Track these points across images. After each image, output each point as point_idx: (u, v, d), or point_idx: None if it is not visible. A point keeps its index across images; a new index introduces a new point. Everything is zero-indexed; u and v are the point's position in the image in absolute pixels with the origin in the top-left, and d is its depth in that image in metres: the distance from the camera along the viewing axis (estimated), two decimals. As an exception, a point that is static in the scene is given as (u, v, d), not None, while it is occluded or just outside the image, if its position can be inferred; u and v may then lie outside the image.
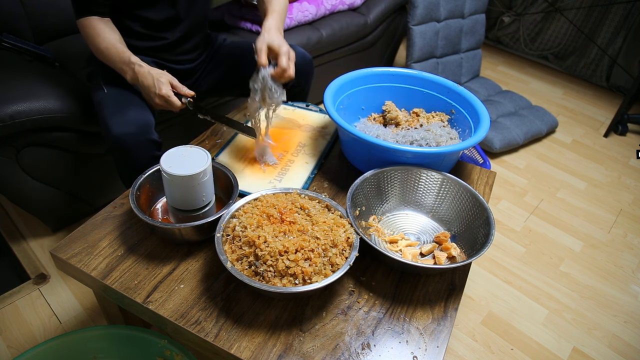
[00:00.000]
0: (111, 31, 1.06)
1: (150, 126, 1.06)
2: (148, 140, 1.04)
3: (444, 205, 0.95)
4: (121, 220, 0.92)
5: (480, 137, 0.99)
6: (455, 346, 1.24)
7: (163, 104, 1.02)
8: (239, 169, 1.04)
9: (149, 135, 1.05)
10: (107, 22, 1.07)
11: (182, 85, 1.04)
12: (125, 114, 1.03)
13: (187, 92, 1.03)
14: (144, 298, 0.78)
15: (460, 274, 0.87)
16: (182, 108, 1.03)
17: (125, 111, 1.04)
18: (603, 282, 1.47)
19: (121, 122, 1.02)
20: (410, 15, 2.04)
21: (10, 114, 1.12)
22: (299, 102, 1.31)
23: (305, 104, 1.31)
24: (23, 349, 1.17)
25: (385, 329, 0.76)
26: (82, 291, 1.31)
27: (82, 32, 1.06)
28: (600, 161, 2.03)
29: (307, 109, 1.28)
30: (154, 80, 1.01)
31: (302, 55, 1.29)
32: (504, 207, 1.73)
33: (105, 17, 1.07)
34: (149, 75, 1.02)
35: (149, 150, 1.05)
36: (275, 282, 0.73)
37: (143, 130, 1.03)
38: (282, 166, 1.07)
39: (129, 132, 1.01)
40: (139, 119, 1.04)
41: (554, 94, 2.51)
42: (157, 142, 1.07)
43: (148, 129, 1.05)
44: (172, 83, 1.03)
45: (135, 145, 1.02)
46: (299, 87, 1.32)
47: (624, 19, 2.36)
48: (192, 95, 1.04)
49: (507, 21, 2.80)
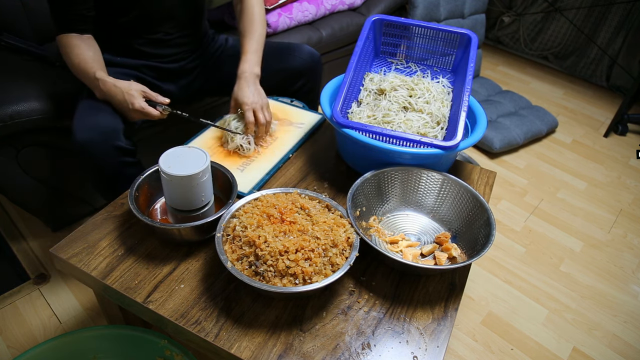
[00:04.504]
0: (86, 48, 1.03)
1: (117, 132, 1.01)
2: (113, 146, 1.00)
3: (445, 206, 0.95)
4: (121, 220, 0.92)
5: (478, 137, 0.99)
6: (456, 346, 1.24)
7: (140, 117, 1.01)
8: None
9: (115, 142, 1.00)
10: (85, 39, 1.04)
11: (155, 93, 1.02)
12: (91, 120, 1.00)
13: (162, 99, 1.02)
14: (144, 298, 0.78)
15: (461, 274, 0.87)
16: (162, 117, 1.02)
17: (92, 117, 1.00)
18: (603, 282, 1.47)
19: (86, 127, 0.99)
20: (410, 15, 2.04)
21: (10, 114, 1.12)
22: (284, 98, 1.31)
23: (289, 99, 1.30)
24: (23, 349, 1.17)
25: (385, 329, 0.76)
26: (82, 291, 1.31)
27: (60, 48, 1.04)
28: (600, 161, 2.03)
29: (291, 104, 1.28)
30: (124, 94, 0.99)
31: (310, 53, 1.30)
32: (504, 207, 1.73)
33: (87, 34, 1.04)
34: (116, 89, 0.99)
35: (114, 157, 1.00)
36: (275, 282, 0.72)
37: (108, 137, 0.99)
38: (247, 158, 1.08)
39: (92, 138, 0.98)
40: (105, 125, 1.00)
41: (554, 94, 2.51)
42: (126, 148, 1.02)
43: (114, 135, 1.00)
44: (144, 93, 1.01)
45: (99, 151, 0.98)
46: (308, 85, 1.32)
47: (624, 19, 2.36)
48: (167, 102, 1.02)
49: (507, 21, 2.80)
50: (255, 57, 1.14)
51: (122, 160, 1.02)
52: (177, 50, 1.22)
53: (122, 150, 1.01)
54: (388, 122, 1.03)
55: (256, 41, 1.16)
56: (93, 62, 1.02)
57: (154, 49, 1.18)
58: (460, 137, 0.93)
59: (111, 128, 1.00)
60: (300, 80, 1.30)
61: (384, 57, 1.26)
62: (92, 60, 1.02)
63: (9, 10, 1.36)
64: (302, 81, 1.30)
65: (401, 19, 1.17)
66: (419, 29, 1.17)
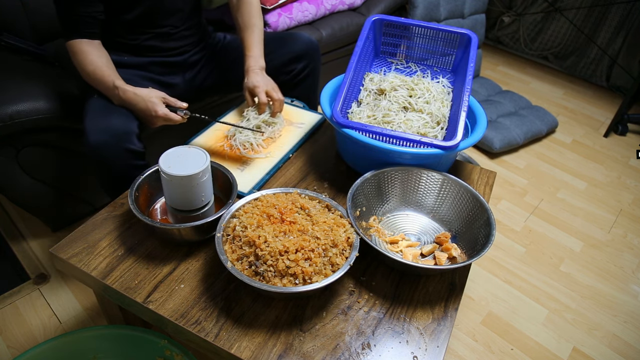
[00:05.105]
0: (99, 54, 1.04)
1: (130, 135, 1.01)
2: (125, 149, 1.00)
3: (445, 206, 0.95)
4: (121, 220, 0.92)
5: (478, 137, 0.99)
6: (456, 346, 1.24)
7: (163, 123, 1.02)
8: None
9: (127, 145, 1.00)
10: (96, 45, 1.05)
11: (173, 98, 1.03)
12: (104, 122, 1.00)
13: (181, 104, 1.03)
14: (144, 298, 0.78)
15: (461, 274, 0.87)
16: (182, 122, 1.03)
17: (105, 119, 1.00)
18: (603, 282, 1.47)
19: (98, 129, 0.99)
20: (410, 15, 2.04)
21: (10, 114, 1.12)
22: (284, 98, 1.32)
23: (290, 99, 1.32)
24: (23, 349, 1.17)
25: (385, 329, 0.76)
26: (82, 291, 1.31)
27: (71, 55, 1.04)
28: (600, 161, 2.03)
29: (291, 104, 1.29)
30: (146, 102, 1.00)
31: (308, 38, 1.35)
32: (504, 207, 1.73)
33: (95, 38, 1.05)
34: (137, 97, 1.00)
35: (125, 159, 1.01)
36: (275, 282, 0.72)
37: (121, 139, 0.99)
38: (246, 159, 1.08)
39: (105, 140, 0.98)
40: (118, 128, 1.00)
41: (554, 94, 2.51)
42: (138, 151, 1.03)
43: (127, 138, 1.00)
44: (163, 100, 1.02)
45: (111, 154, 0.99)
46: (308, 69, 1.35)
47: (624, 19, 2.36)
48: (186, 106, 1.03)
49: (507, 21, 2.79)
50: (258, 51, 1.18)
51: (133, 163, 1.03)
52: (182, 43, 1.24)
53: (133, 152, 1.02)
54: (388, 122, 1.03)
55: (257, 35, 1.19)
56: (108, 69, 1.03)
57: (160, 43, 1.19)
58: (460, 137, 0.93)
59: (124, 130, 1.01)
60: (299, 64, 1.33)
61: (384, 57, 1.26)
62: (107, 68, 1.03)
63: (9, 10, 1.36)
64: (301, 65, 1.34)
65: (401, 19, 1.18)
66: (419, 29, 1.17)
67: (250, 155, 1.09)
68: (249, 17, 1.20)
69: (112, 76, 1.02)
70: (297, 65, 1.33)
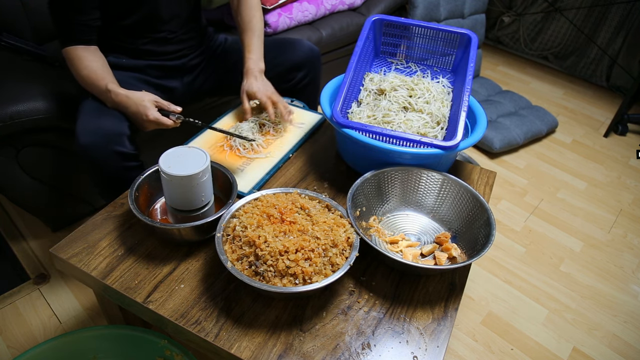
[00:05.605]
0: (93, 58, 1.03)
1: (121, 137, 1.00)
2: (115, 151, 0.99)
3: (445, 206, 0.95)
4: (121, 220, 0.92)
5: (478, 137, 0.99)
6: (456, 346, 1.24)
7: (154, 127, 1.02)
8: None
9: (117, 147, 0.99)
10: (92, 51, 1.04)
11: (167, 102, 1.03)
12: (94, 123, 0.99)
13: (174, 108, 1.03)
14: (144, 298, 0.78)
15: (461, 274, 0.87)
16: (175, 126, 1.03)
17: (96, 120, 1.00)
18: (603, 282, 1.47)
19: (88, 131, 0.98)
20: (410, 15, 2.04)
21: (10, 114, 1.12)
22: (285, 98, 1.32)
23: (290, 99, 1.32)
24: (23, 349, 1.17)
25: (385, 329, 0.76)
26: (82, 291, 1.31)
27: (67, 61, 1.04)
28: (600, 161, 2.03)
29: (291, 104, 1.29)
30: (137, 106, 0.99)
31: (309, 47, 1.34)
32: (504, 207, 1.73)
33: (91, 44, 1.04)
34: (129, 101, 1.00)
35: (116, 161, 1.00)
36: (275, 282, 0.72)
37: (110, 141, 0.98)
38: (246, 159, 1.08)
39: (95, 142, 0.97)
40: (109, 129, 0.99)
41: (554, 94, 2.51)
42: (129, 153, 1.02)
43: (117, 140, 0.99)
44: (156, 103, 1.01)
45: (101, 155, 0.98)
46: (308, 78, 1.35)
47: (624, 19, 2.36)
48: (179, 111, 1.03)
49: (507, 21, 2.79)
50: (258, 53, 1.18)
51: (124, 165, 1.02)
52: (180, 46, 1.23)
53: (124, 155, 1.01)
54: (388, 122, 1.03)
55: (257, 37, 1.19)
56: (102, 73, 1.03)
57: (158, 47, 1.19)
58: (460, 137, 0.93)
59: (114, 132, 1.00)
60: (300, 73, 1.33)
61: (384, 57, 1.26)
62: (101, 71, 1.03)
63: (9, 10, 1.36)
64: (302, 73, 1.34)
65: (401, 19, 1.17)
66: (419, 29, 1.17)
67: (250, 155, 1.09)
68: (249, 19, 1.20)
69: (105, 79, 1.02)
70: (297, 74, 1.33)
